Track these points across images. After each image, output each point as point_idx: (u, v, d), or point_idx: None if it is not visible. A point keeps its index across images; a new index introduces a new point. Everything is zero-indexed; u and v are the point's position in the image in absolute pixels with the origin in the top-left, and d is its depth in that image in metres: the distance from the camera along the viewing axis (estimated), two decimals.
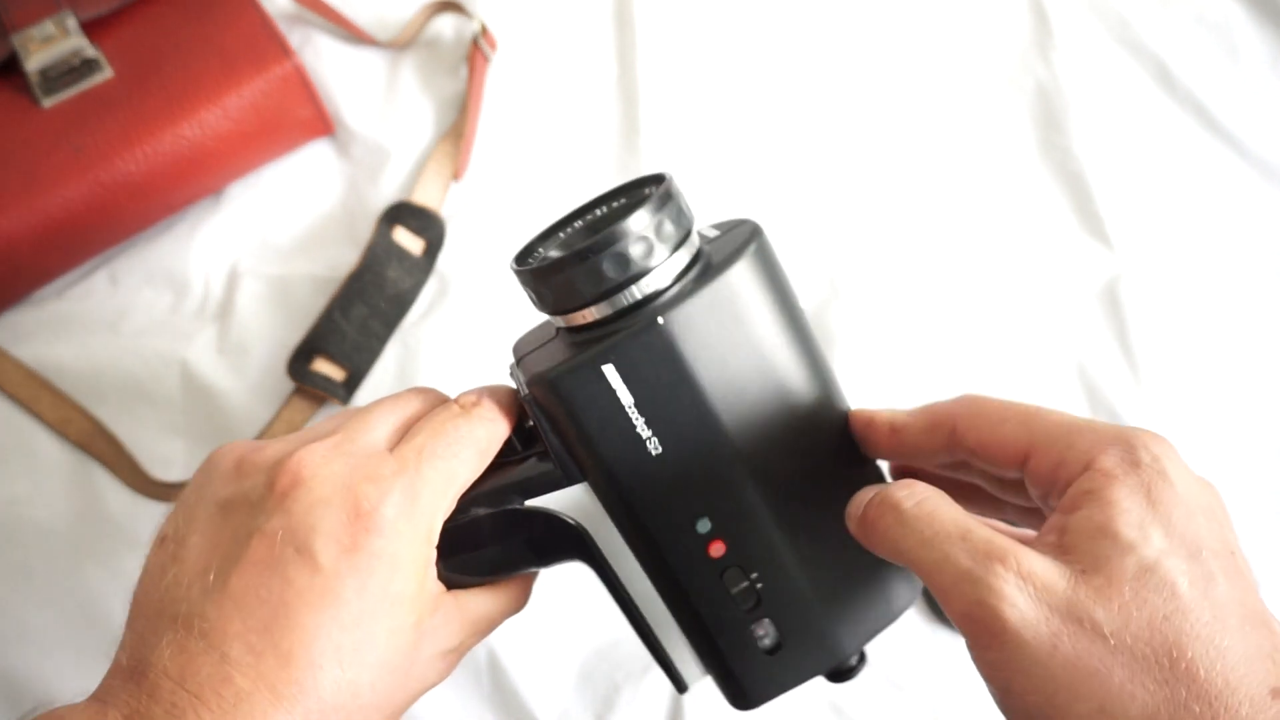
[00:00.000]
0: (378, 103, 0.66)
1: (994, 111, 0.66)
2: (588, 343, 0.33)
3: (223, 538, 0.32)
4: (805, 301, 0.35)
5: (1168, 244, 0.61)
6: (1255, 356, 0.58)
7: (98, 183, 0.57)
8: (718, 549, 0.35)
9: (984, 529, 0.30)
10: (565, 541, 0.36)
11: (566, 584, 0.47)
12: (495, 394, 0.37)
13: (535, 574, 0.40)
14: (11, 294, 0.60)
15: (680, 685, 0.39)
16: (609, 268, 0.32)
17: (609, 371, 0.32)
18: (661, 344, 0.32)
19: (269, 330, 0.60)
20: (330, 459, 0.33)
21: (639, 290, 0.33)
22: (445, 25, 0.69)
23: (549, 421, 0.34)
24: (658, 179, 0.35)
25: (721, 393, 0.33)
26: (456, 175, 0.64)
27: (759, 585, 0.36)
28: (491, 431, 0.36)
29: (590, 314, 0.34)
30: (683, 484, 0.34)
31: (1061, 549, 0.30)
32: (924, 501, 0.32)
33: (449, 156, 0.64)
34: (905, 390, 0.58)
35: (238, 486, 0.33)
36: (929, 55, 0.67)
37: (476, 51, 0.66)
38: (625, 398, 0.32)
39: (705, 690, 0.51)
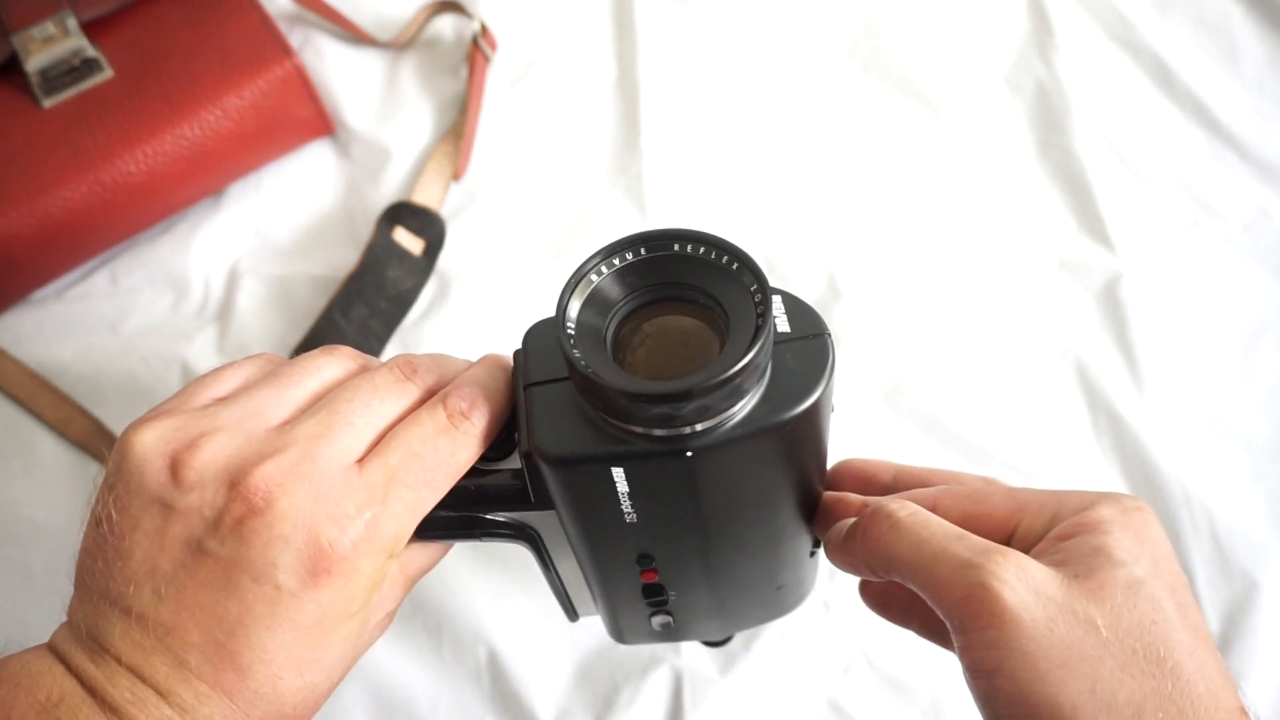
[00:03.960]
0: (378, 103, 0.66)
1: (993, 111, 0.66)
2: (606, 430, 0.30)
3: (169, 545, 0.30)
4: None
5: (1168, 244, 0.61)
6: (1255, 357, 0.58)
7: (98, 183, 0.57)
8: (649, 576, 0.37)
9: (977, 536, 0.32)
10: (518, 536, 0.36)
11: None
12: (490, 397, 0.34)
13: None
14: (11, 294, 0.60)
15: (573, 616, 0.43)
16: (673, 416, 0.29)
17: (617, 472, 0.31)
18: (680, 470, 0.30)
19: (269, 330, 0.60)
20: (290, 487, 0.30)
21: (686, 428, 0.30)
22: (445, 25, 0.69)
23: (538, 476, 0.32)
24: (758, 289, 0.30)
25: (714, 502, 0.33)
26: (456, 175, 0.64)
27: (671, 596, 0.38)
28: (474, 453, 0.33)
29: (631, 426, 0.30)
30: (643, 541, 0.34)
31: (1055, 563, 0.31)
32: (917, 512, 0.33)
33: (449, 156, 0.64)
34: (905, 389, 0.58)
35: (180, 494, 0.30)
36: (929, 55, 0.67)
37: (476, 51, 0.66)
38: (622, 488, 0.31)
39: (705, 691, 0.51)
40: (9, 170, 0.56)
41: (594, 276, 0.31)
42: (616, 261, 0.31)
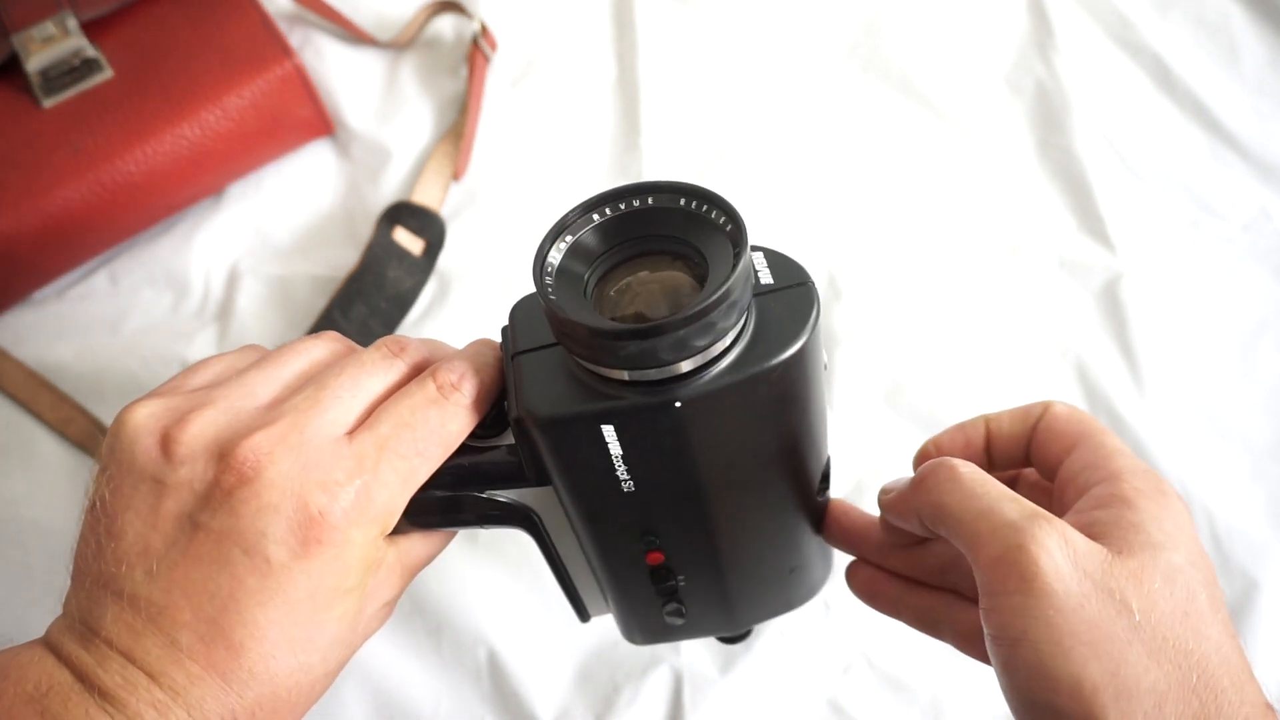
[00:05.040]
0: (378, 103, 0.66)
1: (993, 111, 0.66)
2: (595, 387, 0.30)
3: (161, 522, 0.30)
4: None
5: (1168, 244, 0.61)
6: (1255, 357, 0.58)
7: (98, 183, 0.57)
8: (656, 558, 0.36)
9: (1030, 501, 0.32)
10: (517, 520, 0.36)
11: None
12: (480, 370, 0.34)
13: None
14: (11, 294, 0.60)
15: (584, 616, 0.42)
16: (651, 354, 0.28)
17: (608, 431, 0.30)
18: (671, 422, 0.30)
19: (269, 330, 0.60)
20: (279, 456, 0.30)
21: (670, 370, 0.29)
22: (445, 25, 0.69)
23: (531, 445, 0.32)
24: (734, 230, 0.30)
25: (710, 460, 0.32)
26: (456, 175, 0.64)
27: (681, 582, 0.38)
28: (465, 424, 0.33)
29: (611, 372, 0.30)
30: (643, 514, 0.34)
31: (1095, 534, 0.31)
32: (977, 471, 0.33)
33: (449, 156, 0.64)
34: (905, 389, 0.58)
35: (171, 469, 0.30)
36: (929, 55, 0.67)
37: (476, 51, 0.66)
38: (615, 450, 0.31)
39: (705, 691, 0.51)
40: (9, 170, 0.56)
41: (570, 235, 0.31)
42: (596, 217, 0.31)
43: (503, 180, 0.64)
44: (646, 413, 0.30)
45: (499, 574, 0.54)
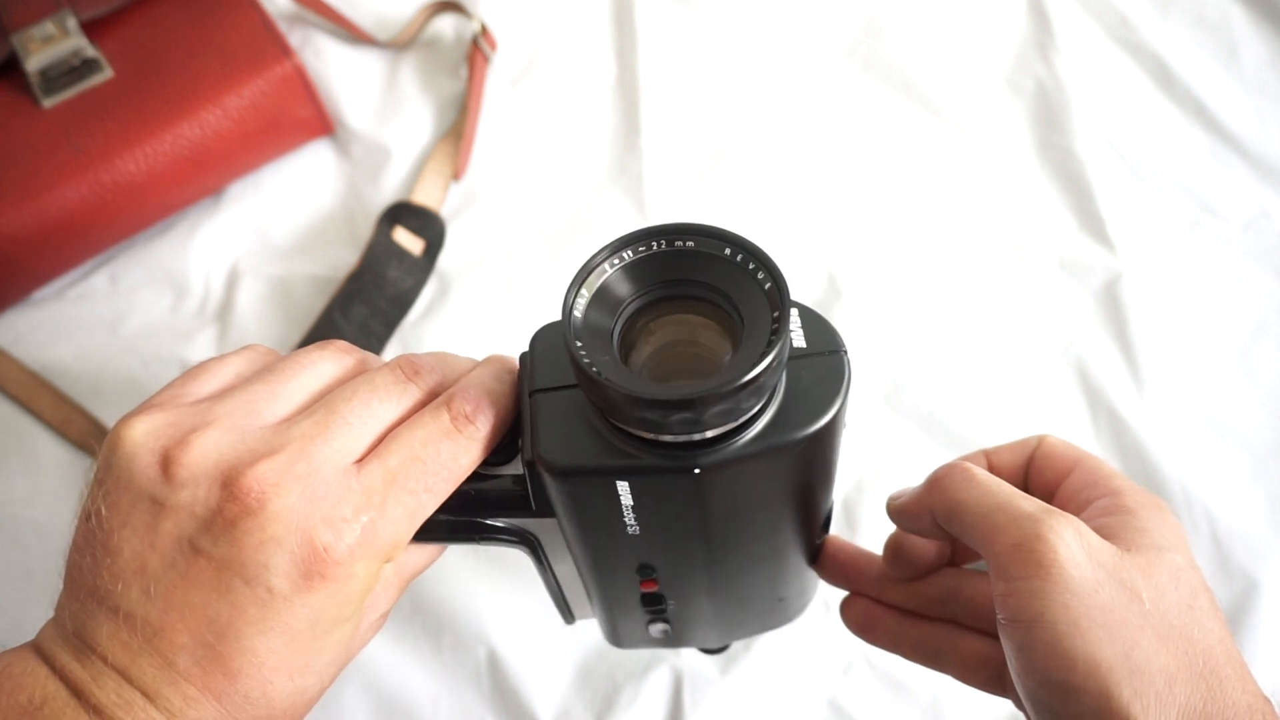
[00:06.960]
0: (378, 103, 0.66)
1: (994, 111, 0.66)
2: (613, 441, 0.30)
3: (160, 543, 0.29)
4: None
5: (1168, 244, 0.61)
6: (1255, 357, 0.58)
7: (98, 183, 0.57)
8: (649, 585, 0.37)
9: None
10: (517, 541, 0.36)
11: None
12: (496, 401, 0.33)
13: None
14: (11, 294, 0.60)
15: (569, 619, 0.43)
16: (675, 423, 0.28)
17: (622, 486, 0.30)
18: (687, 486, 0.30)
19: (269, 330, 0.60)
20: (285, 488, 0.29)
21: (693, 435, 0.29)
22: (445, 25, 0.69)
23: (541, 487, 0.32)
24: (776, 294, 0.28)
25: (720, 518, 0.32)
26: (456, 175, 0.64)
27: (670, 605, 0.38)
28: (476, 458, 0.32)
29: (631, 429, 0.29)
30: (644, 552, 0.34)
31: (1103, 535, 0.33)
32: (991, 474, 0.35)
33: (449, 156, 0.64)
34: (905, 389, 0.58)
35: (171, 491, 0.30)
36: (929, 55, 0.67)
37: (476, 51, 0.66)
38: (626, 501, 0.31)
39: (705, 691, 0.51)
40: (9, 170, 0.56)
41: (605, 269, 0.30)
42: (628, 255, 0.30)
43: (503, 180, 0.64)
44: (664, 475, 0.29)
45: (499, 575, 0.54)
